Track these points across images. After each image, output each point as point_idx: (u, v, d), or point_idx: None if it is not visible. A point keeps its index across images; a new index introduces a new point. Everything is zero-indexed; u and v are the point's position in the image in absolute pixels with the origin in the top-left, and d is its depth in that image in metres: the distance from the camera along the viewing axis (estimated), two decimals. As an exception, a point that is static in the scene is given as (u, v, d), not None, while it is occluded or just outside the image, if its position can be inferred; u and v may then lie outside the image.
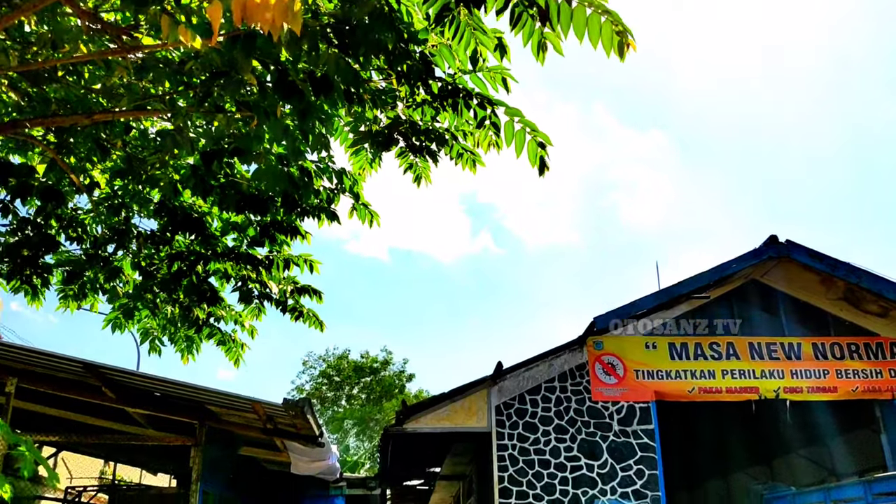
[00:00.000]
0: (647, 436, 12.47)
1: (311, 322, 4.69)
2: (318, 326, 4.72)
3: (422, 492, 21.66)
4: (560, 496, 12.17)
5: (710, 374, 12.82)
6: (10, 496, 4.31)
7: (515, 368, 13.00)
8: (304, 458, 9.58)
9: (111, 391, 8.21)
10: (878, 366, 13.04)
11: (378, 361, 40.68)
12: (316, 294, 4.61)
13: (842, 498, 9.86)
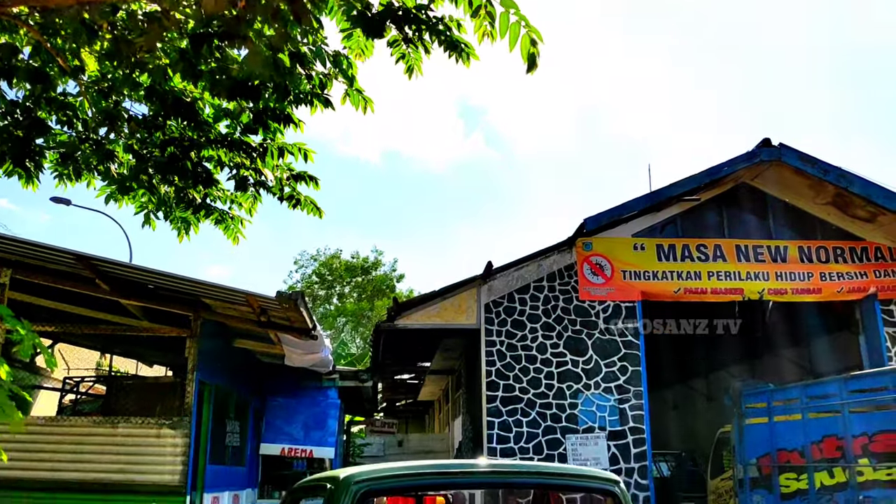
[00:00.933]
0: (632, 334, 12.80)
1: (308, 209, 4.70)
2: (316, 213, 4.74)
3: (412, 385, 22.33)
4: (545, 390, 12.58)
5: (697, 275, 13.04)
6: (9, 379, 4.41)
7: (505, 268, 13.18)
8: (298, 350, 9.80)
9: (104, 283, 8.30)
10: (862, 268, 13.28)
11: (369, 262, 41.08)
12: (312, 180, 4.60)
13: (818, 394, 10.23)
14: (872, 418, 9.11)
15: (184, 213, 4.76)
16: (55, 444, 8.10)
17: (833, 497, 9.59)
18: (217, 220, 4.76)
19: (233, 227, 4.80)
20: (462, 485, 3.83)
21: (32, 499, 7.89)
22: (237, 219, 4.83)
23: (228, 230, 4.80)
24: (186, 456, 8.10)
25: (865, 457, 9.11)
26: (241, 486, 11.07)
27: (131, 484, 7.98)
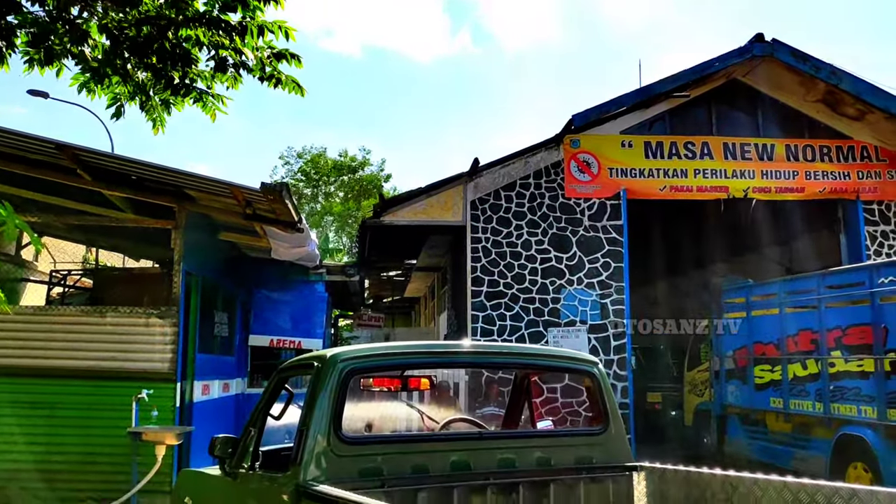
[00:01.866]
0: (616, 231, 12.89)
1: (290, 87, 4.58)
2: (298, 91, 4.62)
3: (399, 282, 22.58)
4: (529, 285, 12.76)
5: (683, 173, 13.03)
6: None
7: (492, 165, 13.11)
8: (284, 243, 9.81)
9: (86, 174, 8.20)
10: (847, 168, 13.33)
11: (356, 160, 40.68)
12: (294, 58, 4.47)
13: (796, 289, 10.44)
14: (847, 312, 9.33)
15: (163, 94, 4.63)
16: (45, 333, 8.19)
17: (804, 387, 9.95)
18: (196, 98, 4.63)
19: (212, 105, 4.67)
20: (446, 364, 3.93)
21: (26, 385, 8.04)
22: (217, 97, 4.70)
23: (207, 107, 4.68)
24: (175, 344, 8.23)
25: (838, 349, 9.39)
26: (231, 375, 11.32)
27: (122, 371, 8.13)
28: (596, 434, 3.92)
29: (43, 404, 8.02)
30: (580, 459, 3.78)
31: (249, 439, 4.00)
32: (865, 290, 8.98)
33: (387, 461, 3.39)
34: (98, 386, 8.07)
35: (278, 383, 3.99)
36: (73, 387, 8.06)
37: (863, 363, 8.97)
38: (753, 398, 10.96)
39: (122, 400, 7.96)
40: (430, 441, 3.85)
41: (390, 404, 5.14)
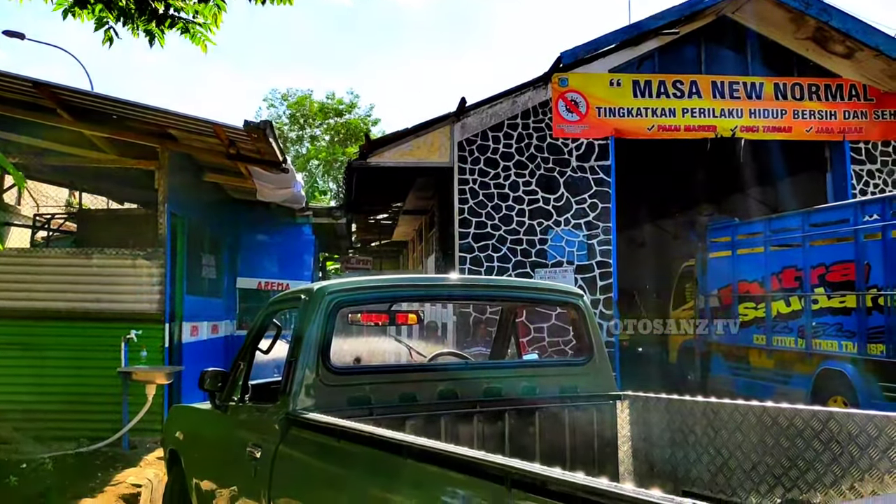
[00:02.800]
0: (604, 171, 12.87)
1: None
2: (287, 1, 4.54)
3: (386, 226, 22.56)
4: (516, 226, 12.78)
5: (671, 112, 12.96)
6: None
7: (479, 105, 12.97)
8: (269, 184, 9.74)
9: (67, 113, 8.05)
10: (833, 107, 13.29)
11: (343, 104, 40.09)
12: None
13: (780, 228, 10.51)
14: (831, 250, 9.42)
15: (147, 25, 4.52)
16: (31, 276, 8.16)
17: (787, 324, 10.10)
18: (182, 29, 4.52)
19: (200, 35, 4.57)
20: (433, 297, 3.95)
21: (15, 327, 8.04)
22: (205, 25, 4.59)
23: (195, 38, 4.57)
24: (163, 286, 8.22)
25: (821, 286, 9.51)
26: (220, 317, 11.36)
27: (110, 313, 8.13)
28: (580, 364, 3.98)
29: (33, 346, 8.04)
30: (565, 389, 3.84)
31: (239, 373, 4.03)
32: (849, 227, 9.05)
33: (375, 391, 3.43)
34: (86, 327, 8.08)
35: (267, 318, 4.01)
36: (61, 328, 8.06)
37: (845, 300, 9.09)
38: (737, 335, 11.13)
39: (111, 341, 7.97)
40: (417, 371, 3.90)
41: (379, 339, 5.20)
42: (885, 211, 8.56)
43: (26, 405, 8.03)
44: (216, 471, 4.00)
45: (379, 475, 2.44)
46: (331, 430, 2.83)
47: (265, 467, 3.17)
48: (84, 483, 6.14)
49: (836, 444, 3.01)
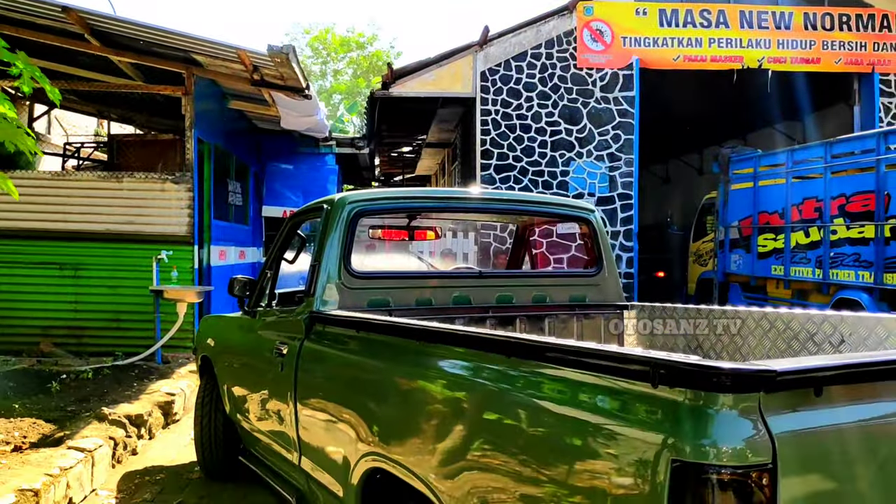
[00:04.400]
0: (628, 102, 12.81)
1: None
2: None
3: (409, 160, 22.62)
4: (538, 158, 12.83)
5: (697, 42, 12.79)
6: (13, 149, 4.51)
7: (502, 34, 12.89)
8: (293, 112, 9.87)
9: (95, 39, 8.19)
10: (864, 38, 13.02)
11: (365, 36, 39.72)
12: None
13: (803, 158, 10.47)
14: (852, 180, 9.40)
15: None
16: (64, 198, 8.43)
17: (805, 255, 10.16)
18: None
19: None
20: (451, 209, 4.10)
21: (51, 247, 8.36)
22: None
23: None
24: (191, 209, 8.46)
25: (841, 217, 9.53)
26: (246, 243, 11.65)
27: (141, 235, 8.42)
28: (590, 276, 4.15)
29: (69, 265, 8.37)
30: (574, 298, 4.02)
31: (266, 281, 4.26)
32: (872, 157, 9.01)
33: (393, 294, 3.63)
34: (120, 248, 8.39)
35: (291, 229, 4.20)
36: (96, 249, 8.37)
37: (864, 230, 9.13)
38: (755, 266, 11.22)
39: (143, 262, 8.29)
40: (434, 278, 4.09)
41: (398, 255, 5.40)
42: (909, 141, 8.53)
43: (64, 322, 8.41)
44: (246, 370, 4.26)
45: (394, 360, 2.65)
46: (352, 322, 3.04)
47: (291, 362, 3.40)
48: (121, 391, 6.49)
49: (846, 347, 3.11)
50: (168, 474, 5.11)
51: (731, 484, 1.42)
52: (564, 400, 1.81)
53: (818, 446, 1.54)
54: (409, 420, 2.38)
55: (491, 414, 2.04)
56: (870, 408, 1.64)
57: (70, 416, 5.58)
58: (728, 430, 1.44)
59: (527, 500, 1.81)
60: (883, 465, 1.64)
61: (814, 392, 1.53)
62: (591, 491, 1.64)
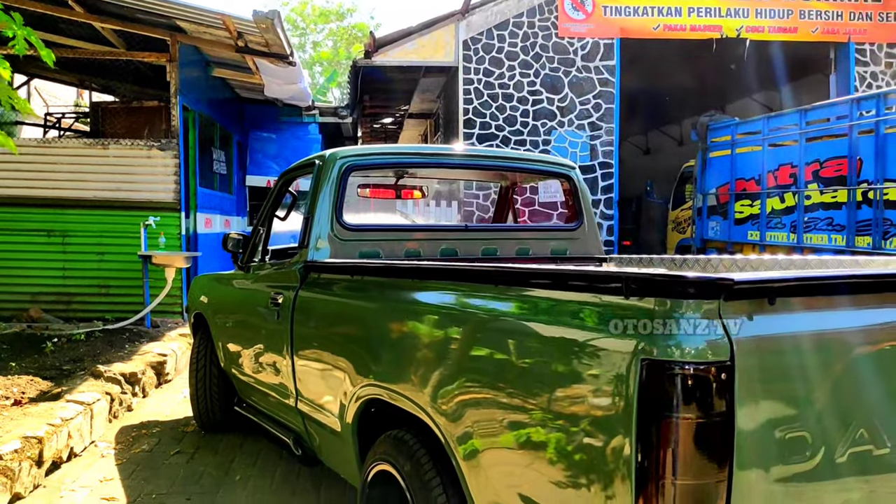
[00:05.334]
0: (608, 72, 12.96)
1: None
2: None
3: (392, 131, 22.66)
4: (520, 127, 12.97)
5: (677, 11, 12.93)
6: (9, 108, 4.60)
7: (484, 3, 12.96)
8: (277, 79, 9.92)
9: (77, 5, 8.20)
10: (840, 8, 13.22)
11: (343, 6, 39.39)
12: None
13: (778, 126, 10.69)
14: (826, 146, 9.64)
15: None
16: (50, 165, 8.47)
17: (781, 220, 10.43)
18: None
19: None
20: (438, 165, 4.26)
21: (39, 214, 8.42)
22: None
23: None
24: (177, 176, 8.54)
25: (815, 182, 9.78)
26: (231, 212, 11.73)
27: (128, 202, 8.50)
28: (571, 230, 4.34)
29: (56, 232, 8.45)
30: (556, 250, 4.21)
31: (259, 237, 4.40)
32: (845, 123, 9.25)
33: (383, 246, 3.79)
34: (107, 215, 8.46)
35: (283, 185, 4.34)
36: (82, 216, 8.45)
37: (836, 194, 9.39)
38: (732, 232, 11.47)
39: (131, 228, 8.38)
40: (422, 231, 4.25)
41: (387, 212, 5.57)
42: (880, 106, 8.75)
43: (53, 288, 8.51)
44: (240, 323, 4.42)
45: (388, 299, 2.82)
46: (346, 267, 3.21)
47: (287, 310, 3.56)
48: (114, 352, 6.63)
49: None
50: (164, 428, 5.27)
51: (694, 378, 1.61)
52: (549, 320, 1.99)
53: (772, 350, 1.73)
54: (405, 351, 2.55)
55: (481, 337, 2.21)
56: (821, 318, 1.83)
57: (66, 374, 5.72)
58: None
59: (516, 408, 1.99)
60: (832, 372, 1.83)
61: (768, 301, 1.72)
62: (574, 396, 1.82)
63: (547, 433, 1.88)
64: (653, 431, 1.62)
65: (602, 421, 1.73)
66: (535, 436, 1.91)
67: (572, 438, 1.81)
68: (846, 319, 1.88)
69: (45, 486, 4.04)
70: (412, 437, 2.54)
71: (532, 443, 1.93)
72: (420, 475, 2.42)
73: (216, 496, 3.95)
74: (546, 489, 1.90)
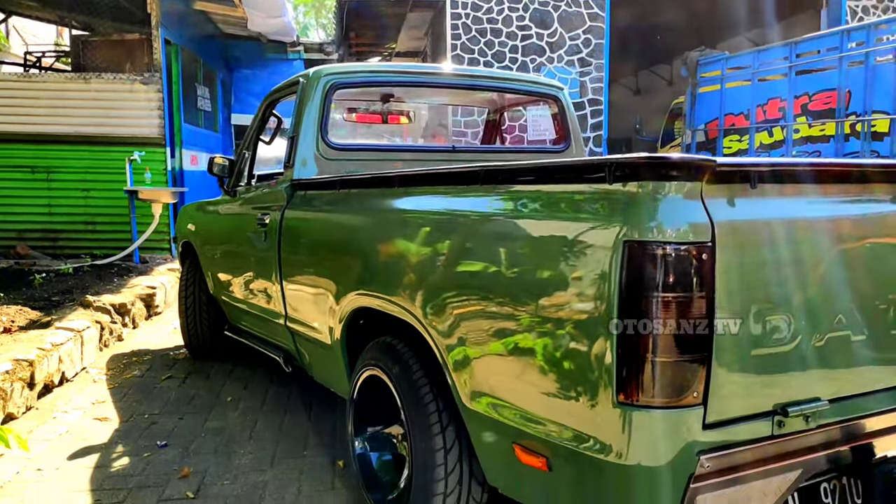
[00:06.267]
0: (598, 6, 12.75)
1: None
2: None
3: (378, 71, 22.32)
4: (509, 63, 12.80)
5: (668, -57, 12.69)
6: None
7: (472, -66, 12.67)
8: (260, 12, 9.72)
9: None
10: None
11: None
12: None
13: (769, 59, 10.60)
14: (815, 79, 9.59)
15: None
16: (31, 100, 8.34)
17: (769, 154, 10.42)
18: None
19: None
20: (425, 84, 4.20)
21: (21, 150, 8.32)
22: None
23: None
24: (161, 111, 8.43)
25: (803, 115, 9.76)
26: (217, 151, 11.62)
27: (112, 137, 8.40)
28: (559, 151, 4.32)
29: (40, 168, 8.36)
30: (544, 171, 4.21)
31: (244, 161, 4.37)
32: (834, 55, 9.18)
33: (370, 167, 3.77)
34: (91, 151, 8.38)
35: (267, 108, 4.28)
36: (66, 151, 8.36)
37: (825, 127, 9.38)
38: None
39: (116, 164, 8.30)
40: (410, 151, 4.23)
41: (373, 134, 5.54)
42: (870, 37, 8.68)
43: (39, 225, 8.46)
44: (228, 246, 4.41)
45: (376, 208, 2.81)
46: (333, 182, 3.19)
47: (274, 229, 3.56)
48: (102, 285, 6.63)
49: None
50: (155, 356, 5.32)
51: (675, 259, 1.62)
52: (536, 214, 1.99)
53: (753, 234, 1.74)
54: (394, 258, 2.55)
55: (470, 237, 2.21)
56: (800, 206, 1.85)
57: (55, 304, 5.73)
58: (673, 213, 1.64)
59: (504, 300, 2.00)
60: (810, 259, 1.86)
61: (749, 185, 1.73)
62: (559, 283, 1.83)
63: (533, 323, 1.90)
64: (635, 311, 1.65)
65: (586, 306, 1.74)
66: (524, 323, 1.93)
67: (558, 325, 1.83)
68: (825, 209, 1.90)
69: (38, 408, 4.08)
70: (399, 342, 2.58)
71: (520, 332, 1.95)
72: (408, 376, 2.46)
73: (208, 415, 4.01)
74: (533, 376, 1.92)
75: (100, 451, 3.51)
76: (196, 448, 3.53)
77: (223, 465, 3.33)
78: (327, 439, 3.63)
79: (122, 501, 2.96)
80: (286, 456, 3.43)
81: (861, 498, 2.21)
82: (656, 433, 1.68)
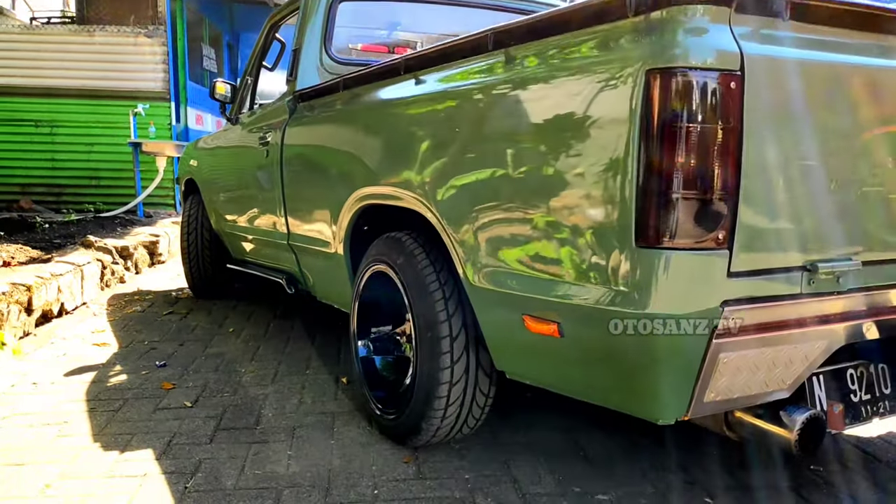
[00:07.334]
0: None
1: None
2: None
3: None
4: None
5: None
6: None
7: None
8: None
9: None
10: None
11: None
12: None
13: None
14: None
15: None
16: (35, 52, 8.24)
17: None
18: None
19: None
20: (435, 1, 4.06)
21: (25, 104, 8.23)
22: None
23: None
24: (166, 65, 8.32)
25: None
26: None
27: (116, 91, 8.30)
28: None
29: (44, 122, 8.27)
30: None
31: (246, 88, 4.26)
32: None
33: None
34: (95, 104, 8.28)
35: (270, 31, 4.15)
36: (70, 105, 8.26)
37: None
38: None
39: (120, 118, 8.21)
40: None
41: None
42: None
43: (43, 179, 8.39)
44: (230, 172, 4.29)
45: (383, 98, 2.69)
46: (333, 86, 3.06)
47: (276, 144, 3.44)
48: (105, 233, 6.55)
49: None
50: (157, 295, 5.23)
51: (702, 86, 1.50)
52: (556, 68, 1.84)
53: (784, 70, 1.62)
54: (403, 146, 2.43)
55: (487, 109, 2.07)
56: (832, 45, 1.71)
57: (57, 246, 5.65)
58: (700, 40, 1.52)
59: (520, 153, 1.88)
60: (838, 102, 1.73)
61: (780, 18, 1.60)
62: (578, 124, 1.70)
63: (548, 175, 1.78)
64: (658, 142, 1.53)
65: (606, 142, 1.62)
66: (539, 178, 1.80)
67: (576, 172, 1.70)
68: (865, 54, 1.77)
69: (36, 334, 4.00)
70: (404, 235, 2.47)
71: (534, 187, 1.82)
72: (413, 266, 2.35)
73: (210, 342, 3.92)
74: (547, 232, 1.80)
75: (97, 369, 3.42)
76: (196, 367, 3.44)
77: (223, 381, 3.24)
78: (331, 360, 3.54)
79: (117, 410, 2.87)
80: (288, 374, 3.34)
81: (890, 387, 2.10)
82: (679, 277, 1.56)
